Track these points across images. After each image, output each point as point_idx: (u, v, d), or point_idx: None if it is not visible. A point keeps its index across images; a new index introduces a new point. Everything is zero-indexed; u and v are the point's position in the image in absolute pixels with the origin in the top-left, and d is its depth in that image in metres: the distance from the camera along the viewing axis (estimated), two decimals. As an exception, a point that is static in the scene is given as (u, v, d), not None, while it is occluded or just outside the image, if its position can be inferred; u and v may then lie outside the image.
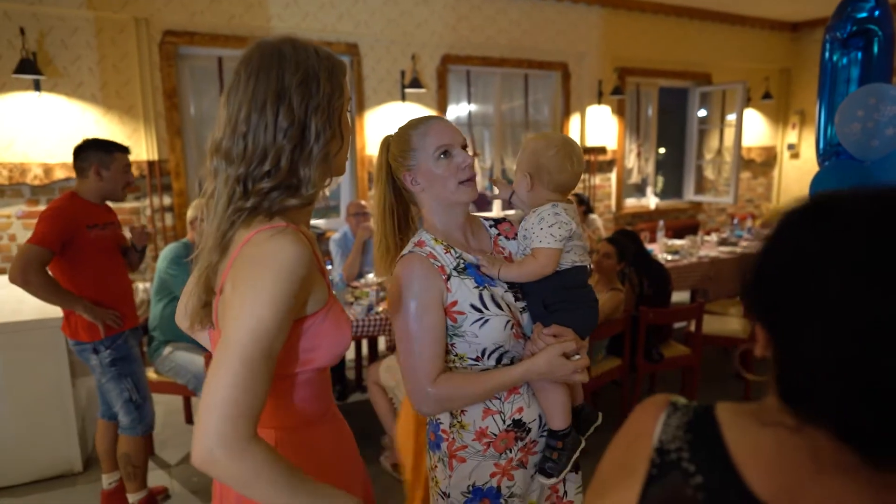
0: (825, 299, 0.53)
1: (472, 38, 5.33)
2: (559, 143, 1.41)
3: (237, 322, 0.89)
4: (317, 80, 1.01)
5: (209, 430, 0.83)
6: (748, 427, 0.62)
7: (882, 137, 2.51)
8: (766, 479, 0.59)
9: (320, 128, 1.02)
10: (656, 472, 0.64)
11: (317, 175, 1.03)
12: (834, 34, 2.79)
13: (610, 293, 3.08)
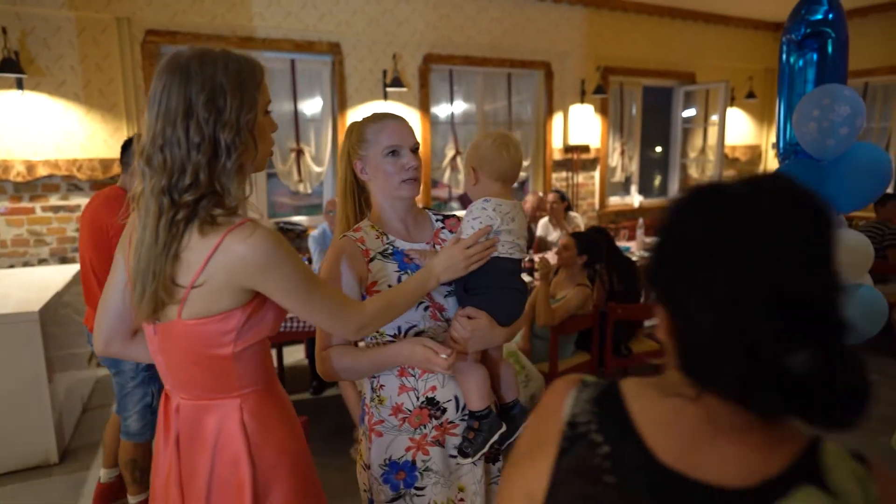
0: (707, 273, 0.60)
1: (454, 37, 5.39)
2: (495, 135, 1.52)
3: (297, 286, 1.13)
4: (224, 96, 1.07)
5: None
6: (651, 398, 0.68)
7: (836, 137, 2.57)
8: (667, 444, 0.64)
9: (230, 142, 1.08)
10: (567, 444, 0.68)
11: (235, 186, 1.11)
12: (790, 36, 2.85)
13: (576, 289, 3.15)
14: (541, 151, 6.12)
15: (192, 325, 1.12)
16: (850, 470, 0.61)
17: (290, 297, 1.13)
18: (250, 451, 1.17)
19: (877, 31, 6.56)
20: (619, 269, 3.51)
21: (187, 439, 1.20)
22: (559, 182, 6.22)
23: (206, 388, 1.19)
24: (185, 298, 1.10)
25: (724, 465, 0.62)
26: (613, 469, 0.65)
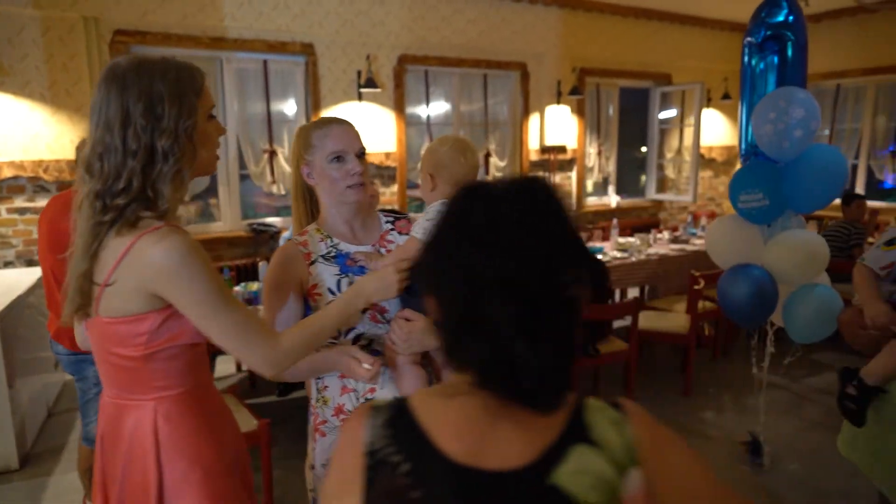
0: (454, 264, 0.64)
1: (429, 38, 5.39)
2: (452, 140, 1.54)
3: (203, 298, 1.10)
4: (162, 104, 1.09)
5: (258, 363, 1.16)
6: (437, 405, 0.70)
7: (792, 139, 2.61)
8: (456, 442, 0.67)
9: (168, 149, 1.10)
10: (371, 474, 0.68)
11: (170, 190, 1.13)
12: (750, 38, 2.88)
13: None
14: (517, 152, 6.13)
15: (107, 322, 1.14)
16: (609, 419, 0.67)
17: (194, 310, 1.11)
18: (159, 457, 1.17)
19: (847, 33, 6.65)
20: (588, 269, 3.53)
21: (109, 438, 1.21)
22: (536, 182, 6.24)
23: (122, 386, 1.20)
24: (99, 296, 1.13)
25: (508, 448, 0.65)
26: (416, 484, 0.66)
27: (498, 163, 6.04)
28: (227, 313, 1.12)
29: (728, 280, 2.75)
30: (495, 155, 6.01)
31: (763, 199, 2.67)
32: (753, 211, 2.71)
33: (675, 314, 4.15)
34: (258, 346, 1.14)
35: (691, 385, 3.88)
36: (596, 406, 0.69)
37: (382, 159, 5.32)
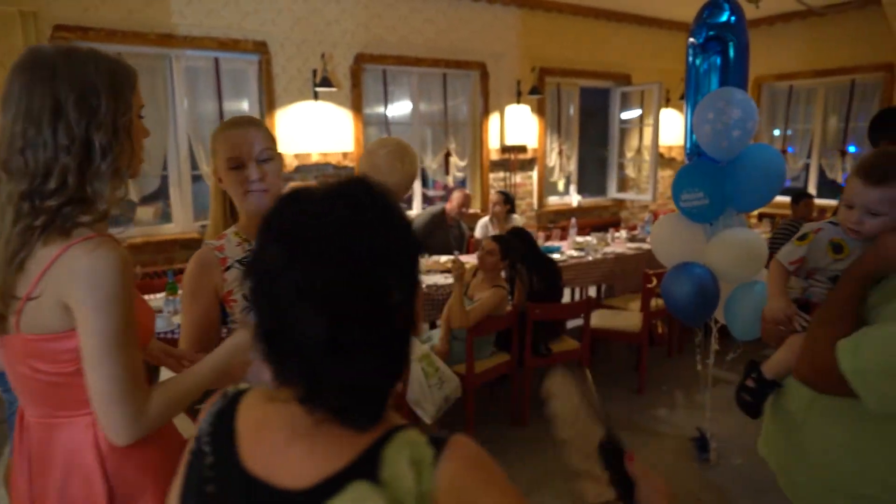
0: (264, 272, 0.61)
1: (387, 37, 5.35)
2: (392, 144, 1.50)
3: (99, 327, 1.00)
4: (97, 96, 1.02)
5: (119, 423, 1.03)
6: (256, 406, 0.68)
7: (730, 139, 2.64)
8: (255, 452, 0.65)
9: (105, 144, 1.02)
10: (191, 458, 0.69)
11: (109, 190, 1.04)
12: (693, 39, 2.91)
13: (492, 290, 3.15)
14: (478, 152, 6.13)
15: (31, 339, 1.05)
16: (411, 458, 0.61)
17: (90, 339, 1.01)
18: (105, 471, 1.11)
19: (798, 36, 6.81)
20: (540, 269, 3.54)
21: (38, 459, 1.13)
22: (497, 182, 6.25)
23: (51, 405, 1.11)
24: (20, 310, 1.03)
25: (295, 467, 0.63)
26: (214, 479, 0.66)
27: (458, 162, 6.03)
28: (114, 359, 1.01)
29: (671, 278, 2.78)
30: (455, 155, 5.99)
31: (704, 197, 2.70)
32: (695, 210, 2.74)
33: (630, 313, 4.19)
34: (123, 411, 1.02)
35: (644, 383, 3.92)
36: (405, 440, 0.62)
37: (340, 159, 5.26)
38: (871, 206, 1.17)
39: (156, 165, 4.54)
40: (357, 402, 0.61)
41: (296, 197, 0.64)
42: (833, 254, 1.28)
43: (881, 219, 1.17)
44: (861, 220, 1.19)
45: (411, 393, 2.87)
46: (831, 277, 1.29)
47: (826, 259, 1.29)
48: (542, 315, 3.30)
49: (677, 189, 2.80)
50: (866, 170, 1.19)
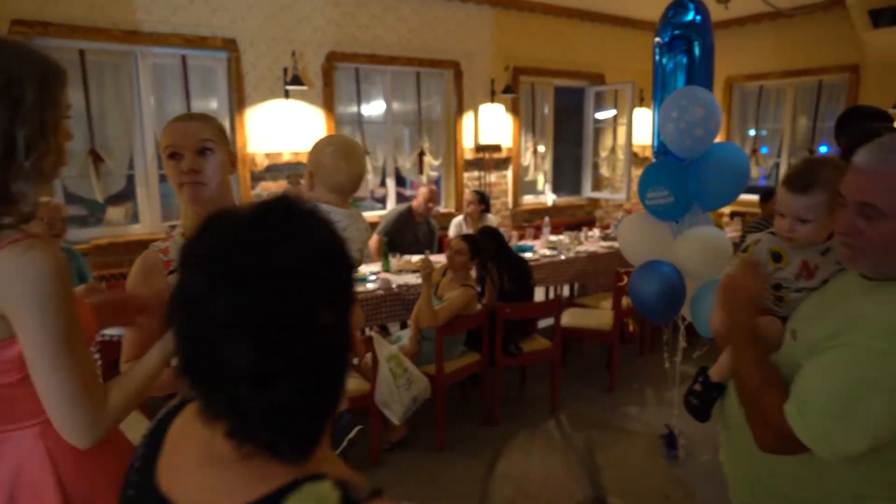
0: (185, 298, 0.57)
1: (359, 35, 5.30)
2: (338, 142, 1.46)
3: (41, 332, 0.95)
4: (21, 88, 0.95)
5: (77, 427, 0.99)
6: (191, 417, 0.65)
7: (693, 138, 2.65)
8: (167, 465, 0.62)
9: (30, 140, 0.96)
10: (133, 458, 0.68)
11: (32, 191, 0.99)
12: (659, 39, 2.93)
13: (461, 289, 3.13)
14: (452, 151, 6.11)
15: None
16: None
17: (34, 345, 0.96)
18: (60, 480, 1.06)
19: (768, 37, 6.91)
20: (511, 268, 3.53)
21: None
22: (471, 182, 6.24)
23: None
24: None
25: (197, 494, 0.59)
26: (135, 485, 0.65)
27: (432, 161, 6.00)
28: (64, 362, 0.96)
29: (638, 277, 2.79)
30: (429, 154, 5.97)
31: (669, 196, 2.72)
32: (660, 208, 2.75)
33: (602, 311, 4.20)
34: (83, 413, 0.99)
35: (616, 381, 3.93)
36: (312, 494, 0.55)
37: (312, 158, 5.20)
38: (800, 213, 1.20)
39: (121, 164, 4.44)
40: (285, 435, 0.56)
41: (217, 220, 0.60)
42: (773, 262, 1.29)
43: (810, 225, 1.21)
44: (792, 227, 1.23)
45: (379, 394, 2.85)
46: (774, 285, 1.29)
47: (768, 268, 1.30)
48: (512, 314, 3.29)
49: (643, 187, 2.81)
50: (791, 180, 1.22)
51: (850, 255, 1.06)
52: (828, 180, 1.17)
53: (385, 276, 3.89)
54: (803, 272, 1.24)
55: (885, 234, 1.00)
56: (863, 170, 1.03)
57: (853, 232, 1.03)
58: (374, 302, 3.57)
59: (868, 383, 0.97)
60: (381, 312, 3.63)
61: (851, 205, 1.04)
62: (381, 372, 2.82)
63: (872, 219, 1.01)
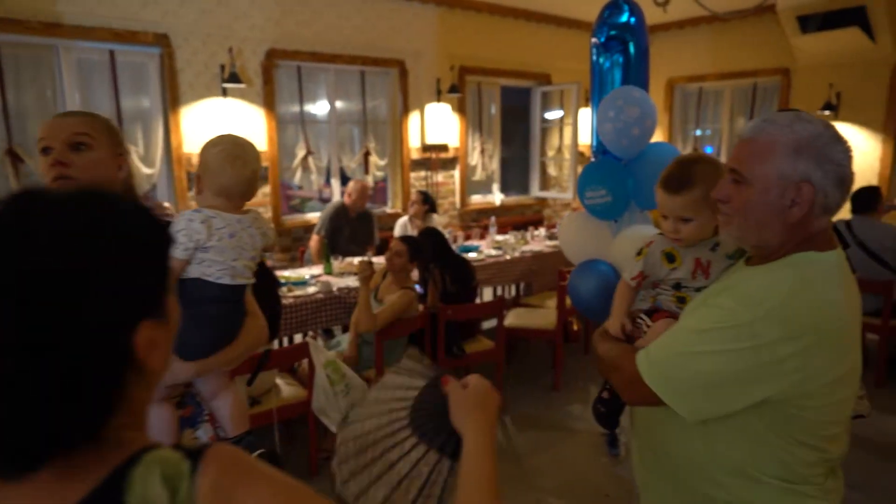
0: None
1: (300, 32, 5.17)
2: (226, 143, 1.36)
3: None
4: None
5: None
6: None
7: (629, 137, 2.66)
8: None
9: None
10: None
11: None
12: (595, 39, 2.94)
13: (401, 292, 3.07)
14: (398, 151, 6.04)
15: None
16: (164, 475, 0.55)
17: None
18: None
19: (706, 40, 7.11)
20: (453, 269, 3.49)
21: None
22: (418, 182, 6.18)
23: None
24: None
25: None
26: None
27: (378, 162, 5.92)
28: None
29: (577, 276, 2.79)
30: (375, 154, 5.88)
31: (607, 195, 2.72)
32: (599, 207, 2.75)
33: (546, 310, 4.21)
34: None
35: (560, 380, 3.95)
36: (156, 459, 0.57)
37: (252, 158, 5.04)
38: (680, 213, 1.20)
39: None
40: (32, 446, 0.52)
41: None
42: (668, 263, 1.27)
43: (693, 223, 1.21)
44: (676, 227, 1.22)
45: (316, 401, 2.76)
46: (674, 285, 1.29)
47: (663, 269, 1.29)
48: (454, 316, 3.26)
49: (582, 187, 2.81)
50: (666, 181, 1.23)
51: (723, 220, 1.10)
52: (702, 177, 1.18)
53: (326, 279, 3.80)
54: (698, 270, 1.24)
55: (745, 200, 1.04)
56: (742, 138, 1.08)
57: (725, 197, 1.08)
58: (313, 305, 3.47)
59: (708, 335, 1.03)
60: (322, 316, 3.53)
61: (726, 171, 1.09)
62: (318, 378, 2.73)
63: (737, 186, 1.05)
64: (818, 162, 1.00)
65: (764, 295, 1.00)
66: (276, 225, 5.22)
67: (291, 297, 3.44)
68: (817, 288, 1.01)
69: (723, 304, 1.04)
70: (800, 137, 1.00)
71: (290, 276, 3.87)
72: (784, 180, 1.01)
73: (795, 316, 0.98)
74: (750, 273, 1.10)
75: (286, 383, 2.95)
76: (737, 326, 0.99)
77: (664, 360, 1.09)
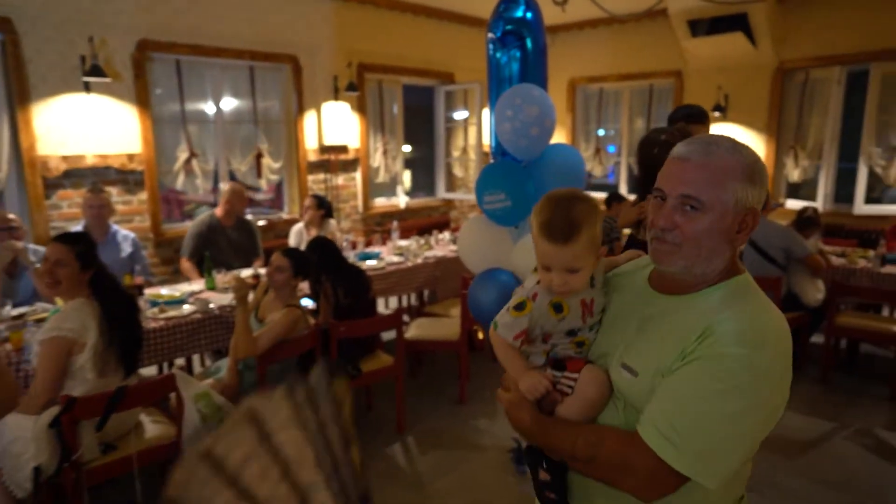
0: None
1: (176, 23, 4.69)
2: None
3: None
4: None
5: None
6: None
7: (528, 137, 2.50)
8: None
9: None
10: None
11: None
12: (491, 34, 2.76)
13: (284, 310, 2.76)
14: (294, 152, 5.66)
15: None
16: None
17: None
18: None
19: (605, 42, 7.22)
20: (346, 281, 3.21)
21: None
22: (317, 185, 5.83)
23: None
24: None
25: None
26: None
27: (272, 164, 5.51)
28: None
29: (477, 286, 2.60)
30: (268, 156, 5.47)
31: (506, 199, 2.55)
32: (498, 212, 2.58)
33: (451, 319, 4.02)
34: None
35: (466, 393, 3.77)
36: None
37: (124, 162, 4.51)
38: (569, 264, 1.06)
39: None
40: None
41: None
42: (556, 314, 1.11)
43: (581, 272, 1.07)
44: (564, 281, 1.08)
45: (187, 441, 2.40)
46: (567, 333, 1.14)
47: (552, 321, 1.12)
48: (347, 332, 2.98)
49: (480, 190, 2.62)
50: (549, 229, 1.06)
51: (667, 250, 1.02)
52: (586, 219, 1.06)
53: (205, 296, 3.41)
54: (585, 311, 1.12)
55: (701, 228, 0.99)
56: (687, 160, 1.01)
57: (670, 225, 1.01)
58: (189, 328, 3.08)
59: (736, 393, 0.94)
60: (201, 339, 3.15)
61: (671, 198, 1.01)
62: (188, 414, 2.38)
63: (691, 212, 0.99)
64: (760, 188, 1.01)
65: (762, 333, 0.97)
66: (155, 235, 4.71)
67: (163, 320, 3.04)
68: (778, 312, 1.02)
69: (728, 352, 0.95)
70: (749, 163, 1.00)
71: (166, 294, 3.43)
72: (738, 206, 0.99)
73: (788, 349, 0.99)
74: (709, 306, 1.02)
75: (153, 420, 2.56)
76: (759, 376, 0.94)
77: (692, 435, 0.95)
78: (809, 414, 3.56)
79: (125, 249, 3.88)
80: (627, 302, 1.13)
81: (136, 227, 4.58)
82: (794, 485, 2.88)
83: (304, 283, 3.48)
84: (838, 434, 3.34)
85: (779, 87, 6.18)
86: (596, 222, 1.06)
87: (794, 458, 3.10)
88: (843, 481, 2.91)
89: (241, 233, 4.33)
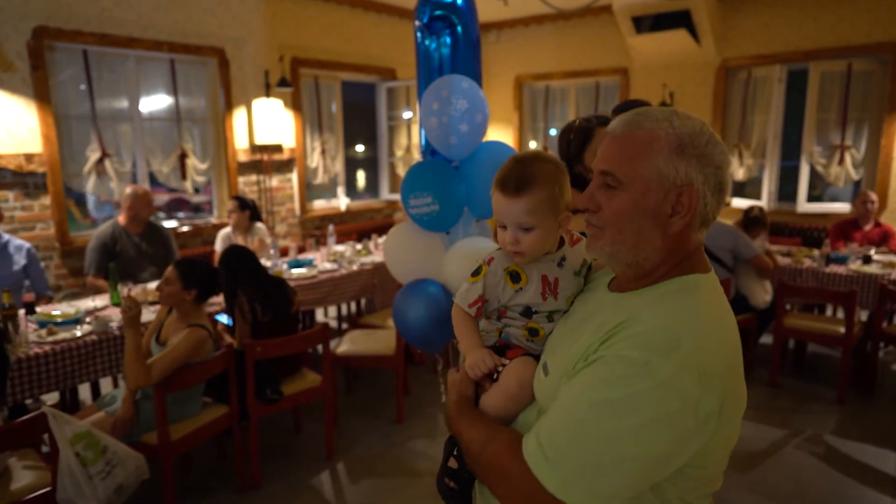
0: None
1: (81, 9, 4.25)
2: None
3: None
4: None
5: None
6: None
7: (458, 134, 2.25)
8: None
9: None
10: None
11: None
12: (418, 21, 2.49)
13: (187, 331, 2.42)
14: (222, 152, 5.27)
15: None
16: None
17: None
18: None
19: (551, 38, 7.06)
20: (265, 295, 2.89)
21: None
22: (249, 187, 5.45)
23: None
24: None
25: None
26: None
27: (198, 165, 5.11)
28: None
29: (402, 299, 2.33)
30: (194, 156, 5.07)
31: (433, 203, 2.29)
32: (425, 217, 2.31)
33: (388, 331, 3.72)
34: None
35: (403, 411, 3.49)
36: None
37: (21, 163, 4.05)
38: (521, 220, 0.99)
39: None
40: None
41: None
42: (513, 284, 1.04)
43: (535, 232, 0.99)
44: (516, 238, 1.00)
45: (62, 492, 2.04)
46: (523, 312, 1.04)
47: (508, 291, 1.04)
48: (265, 353, 2.67)
49: (405, 193, 2.35)
50: (504, 182, 1.00)
51: (591, 233, 0.94)
52: (544, 176, 0.99)
53: (107, 314, 3.03)
54: (546, 290, 1.03)
55: (620, 207, 0.88)
56: (611, 135, 0.92)
57: (594, 206, 0.92)
58: (82, 351, 2.70)
59: (625, 405, 0.78)
60: (96, 364, 2.77)
61: (594, 175, 0.93)
62: (63, 461, 2.02)
63: (609, 190, 0.90)
64: (700, 164, 0.86)
65: (674, 337, 0.80)
66: (62, 244, 4.26)
67: (49, 344, 2.65)
68: (726, 321, 0.87)
69: (627, 355, 0.80)
70: (681, 133, 0.86)
71: (59, 313, 3.02)
72: (664, 183, 0.86)
73: (713, 362, 0.80)
74: (634, 304, 0.88)
75: (24, 466, 2.19)
76: (658, 386, 0.77)
77: (568, 451, 0.80)
78: (760, 421, 3.43)
79: (18, 262, 3.45)
80: (589, 300, 1.03)
81: (38, 235, 4.13)
82: (748, 501, 2.73)
83: (219, 298, 3.14)
84: (789, 443, 3.21)
85: (722, 84, 6.14)
86: (556, 183, 0.98)
87: (745, 472, 2.95)
88: (798, 494, 2.77)
89: (152, 240, 3.93)
